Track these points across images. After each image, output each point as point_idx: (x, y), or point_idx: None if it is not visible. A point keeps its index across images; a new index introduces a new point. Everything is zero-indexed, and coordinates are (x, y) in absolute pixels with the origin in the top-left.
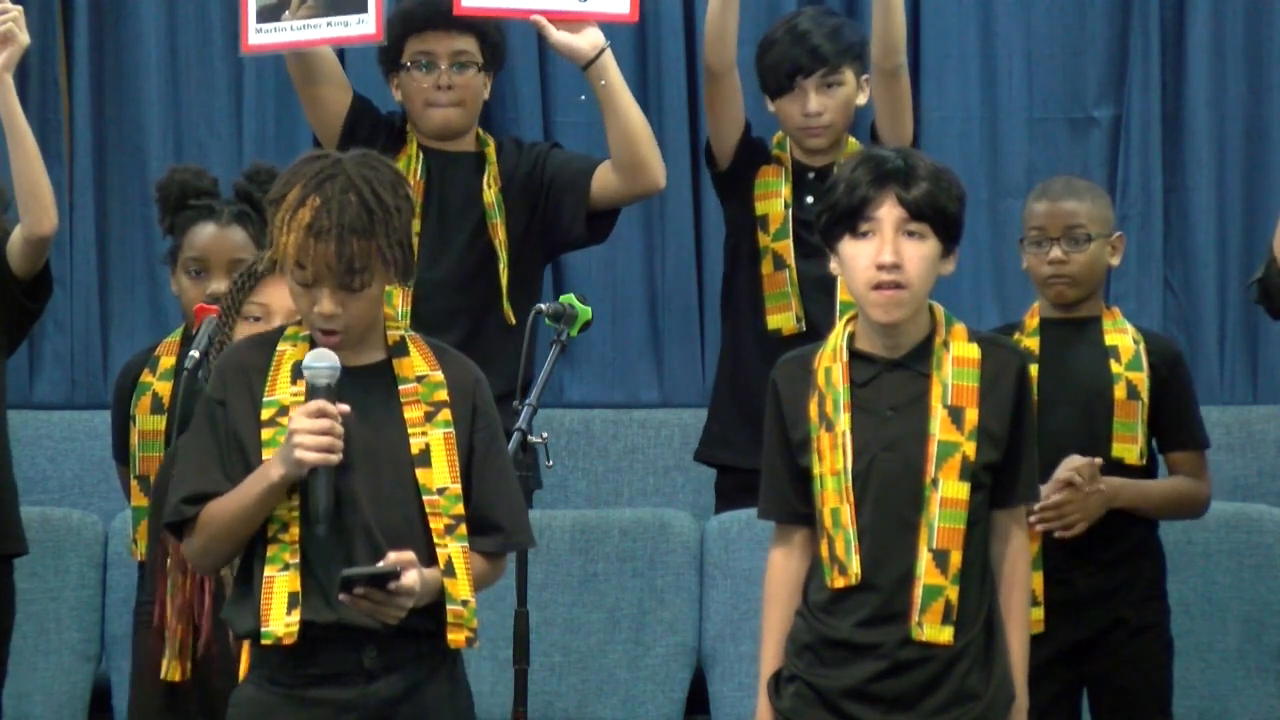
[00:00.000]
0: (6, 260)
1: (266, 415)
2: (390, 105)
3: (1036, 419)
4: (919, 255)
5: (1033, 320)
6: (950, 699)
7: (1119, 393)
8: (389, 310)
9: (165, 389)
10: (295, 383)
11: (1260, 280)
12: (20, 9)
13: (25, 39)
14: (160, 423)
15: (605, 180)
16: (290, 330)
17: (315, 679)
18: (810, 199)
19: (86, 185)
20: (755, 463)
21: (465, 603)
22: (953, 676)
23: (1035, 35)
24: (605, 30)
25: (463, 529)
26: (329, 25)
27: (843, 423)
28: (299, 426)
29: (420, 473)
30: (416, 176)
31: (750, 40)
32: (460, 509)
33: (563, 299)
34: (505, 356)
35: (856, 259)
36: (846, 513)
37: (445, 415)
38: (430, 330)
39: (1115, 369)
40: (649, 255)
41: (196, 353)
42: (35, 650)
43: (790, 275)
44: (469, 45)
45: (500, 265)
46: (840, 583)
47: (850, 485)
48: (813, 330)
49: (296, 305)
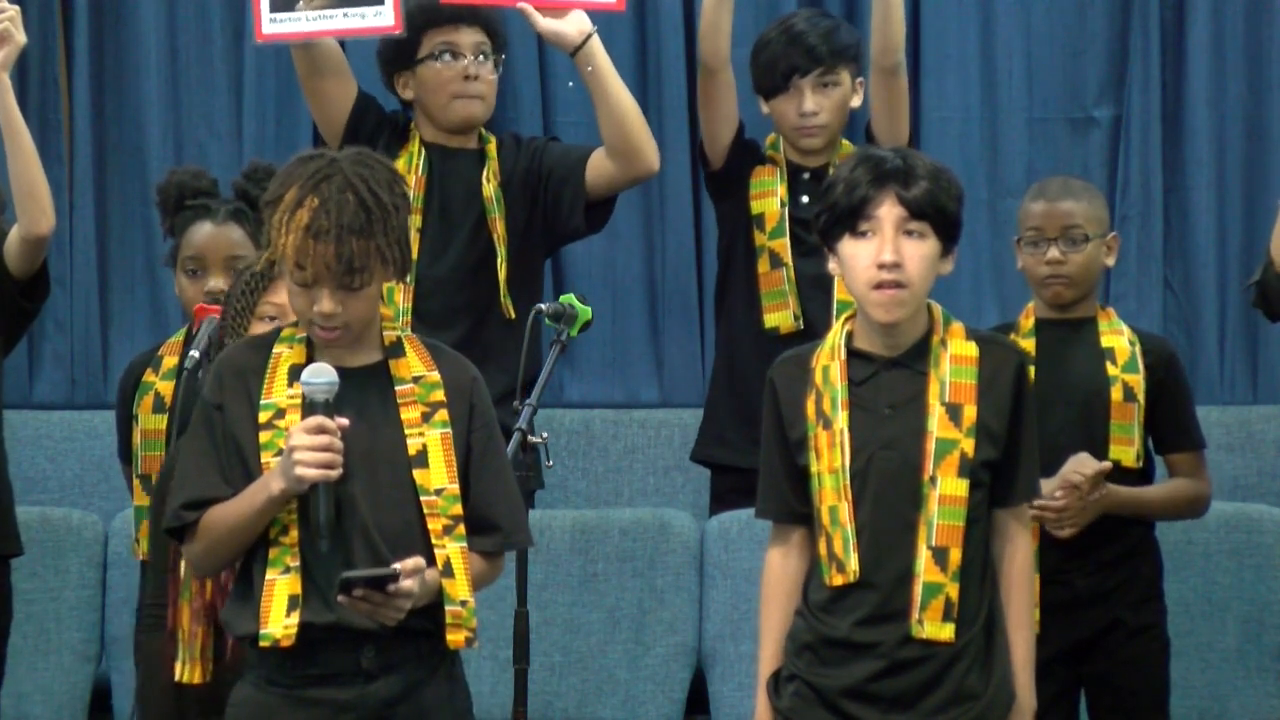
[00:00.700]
0: (3, 260)
1: (264, 418)
2: (394, 101)
3: (1036, 417)
4: (919, 254)
5: (1028, 321)
6: (949, 698)
7: (1115, 395)
8: (386, 310)
9: (167, 388)
10: (292, 385)
11: (1258, 283)
12: (17, 8)
13: (22, 38)
14: (162, 422)
15: (600, 167)
16: (286, 332)
17: (314, 679)
18: (805, 198)
19: (86, 185)
20: (751, 462)
21: (464, 603)
22: (952, 676)
23: (1035, 35)
24: (604, 24)
25: (461, 529)
26: (345, 16)
27: (841, 421)
28: (299, 443)
29: (418, 473)
30: (418, 173)
31: (748, 41)
32: (458, 509)
33: (563, 299)
34: (506, 352)
35: (857, 258)
36: (845, 511)
37: (442, 415)
38: (432, 327)
39: (1111, 371)
40: (649, 255)
41: (196, 353)
42: (35, 650)
43: (787, 274)
44: (485, 39)
45: (498, 260)
46: (839, 581)
47: (848, 483)
48: (810, 329)
49: (294, 305)
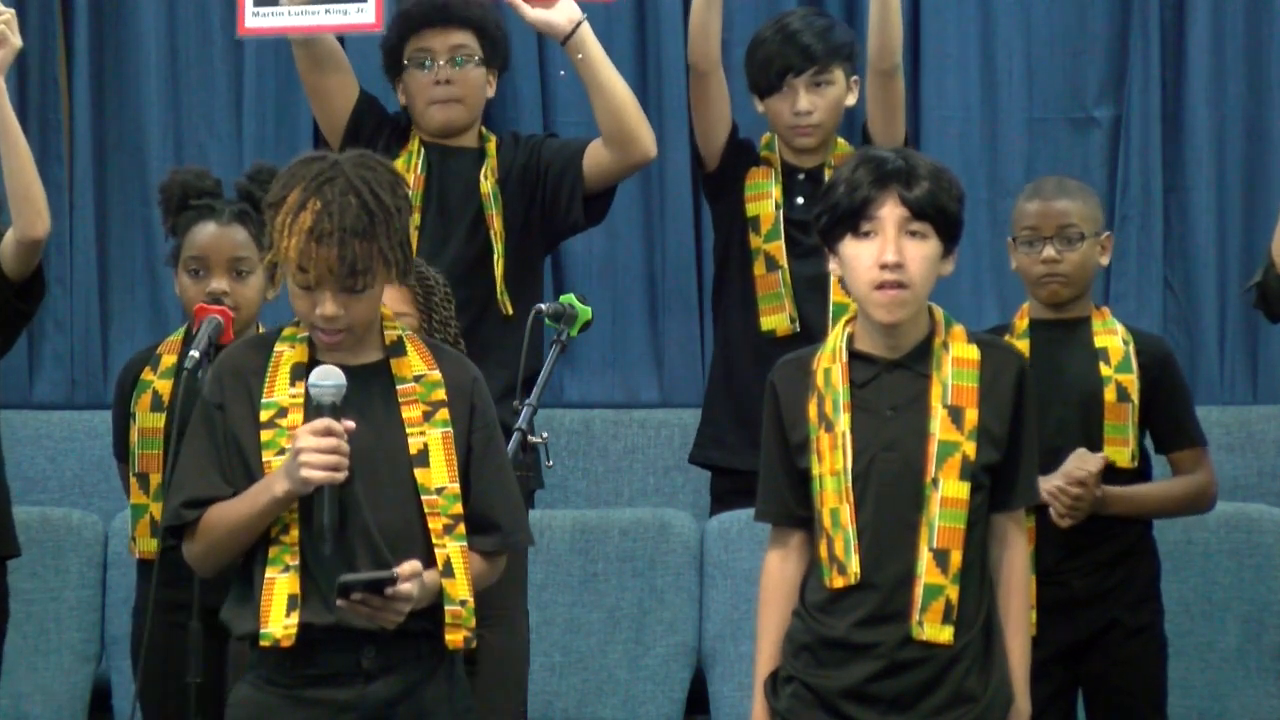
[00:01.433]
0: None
1: (265, 417)
2: (393, 107)
3: (1035, 422)
4: (921, 255)
5: (1022, 322)
6: (948, 700)
7: (1109, 395)
8: (386, 310)
9: (166, 387)
10: (294, 384)
11: (1258, 284)
12: (13, 12)
13: (18, 41)
14: (160, 420)
15: (597, 156)
16: (287, 331)
17: (313, 679)
18: (800, 199)
19: (86, 185)
20: (749, 464)
21: (464, 603)
22: (951, 678)
23: (1035, 35)
24: (604, 25)
25: (461, 529)
26: (327, 13)
27: (843, 423)
28: (306, 445)
29: (419, 472)
30: (417, 171)
31: (745, 41)
32: (459, 509)
33: (563, 299)
34: (505, 349)
35: (859, 259)
36: (846, 513)
37: (443, 415)
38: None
39: (1104, 371)
40: (649, 255)
41: (196, 352)
42: (35, 650)
43: (783, 276)
44: (467, 40)
45: (495, 256)
46: (839, 583)
47: (850, 485)
48: (806, 331)
49: (296, 307)
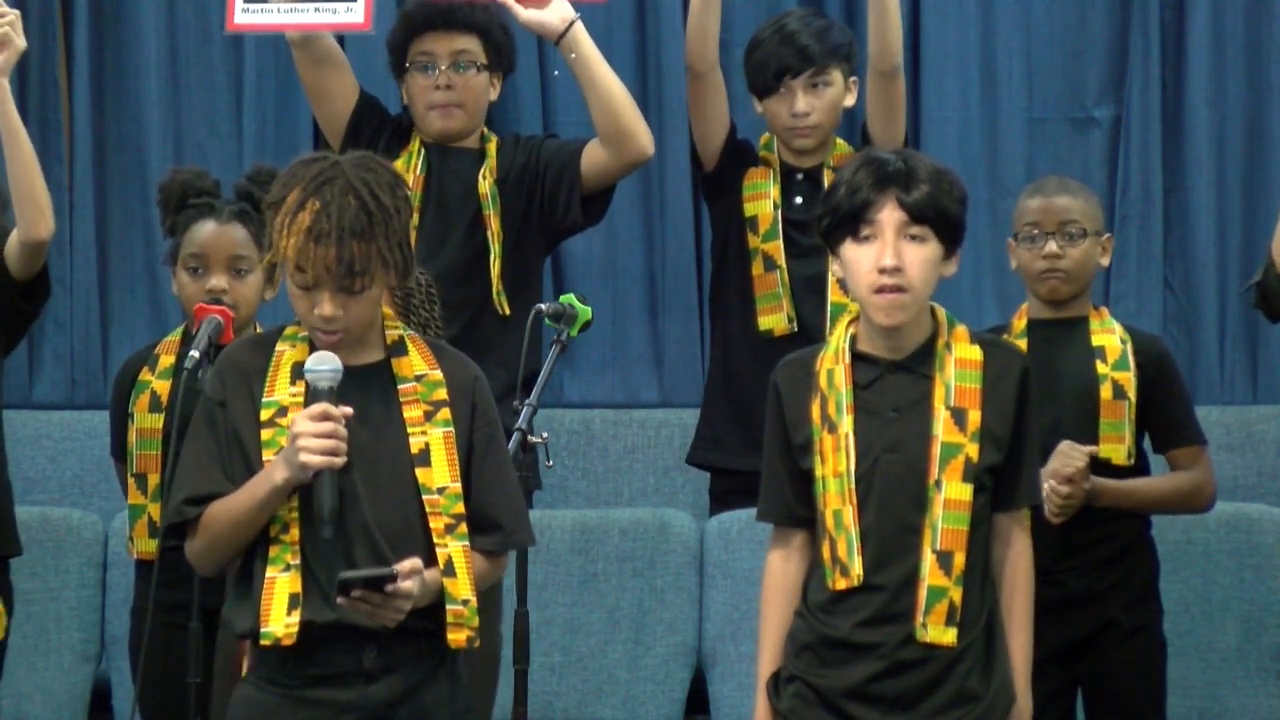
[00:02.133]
0: (4, 261)
1: (266, 416)
2: (395, 106)
3: (1038, 421)
4: (920, 258)
5: (1020, 322)
6: (950, 700)
7: (1105, 393)
8: (387, 310)
9: (164, 387)
10: (295, 383)
11: (1258, 284)
12: (17, 13)
13: (22, 43)
14: (158, 421)
15: (594, 156)
16: (289, 330)
17: (314, 679)
18: (799, 200)
19: (86, 185)
20: (748, 464)
21: (465, 602)
22: (953, 677)
23: (1035, 35)
24: (605, 25)
25: (463, 528)
26: (316, 11)
27: (845, 424)
28: (303, 430)
29: (420, 472)
30: (417, 172)
31: (744, 42)
32: (460, 508)
33: (563, 299)
34: (503, 349)
35: (858, 262)
36: (849, 514)
37: (445, 414)
38: None
39: (1101, 369)
40: (649, 254)
41: (196, 352)
42: (35, 650)
43: (781, 276)
44: (470, 45)
45: (491, 257)
46: (842, 584)
47: (853, 487)
48: (804, 331)
49: (296, 307)
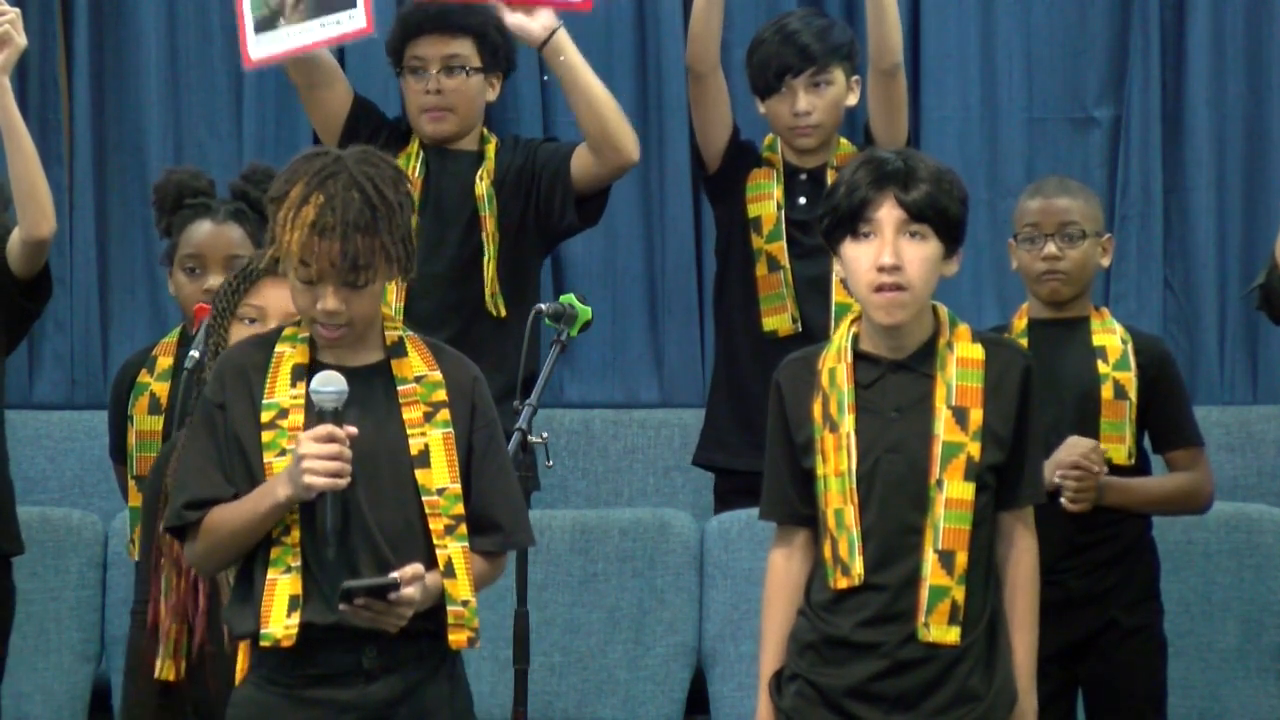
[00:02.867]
0: (5, 260)
1: (266, 418)
2: (396, 108)
3: (1040, 420)
4: (920, 256)
5: (1020, 322)
6: (952, 699)
7: (1106, 392)
8: (387, 310)
9: (163, 389)
10: (295, 385)
11: (1262, 286)
12: (18, 11)
13: (22, 41)
14: (158, 423)
15: (582, 160)
16: (288, 331)
17: (314, 679)
18: (802, 200)
19: (86, 185)
20: (752, 465)
21: (466, 603)
22: (955, 677)
23: (1035, 35)
24: (605, 25)
25: (463, 529)
26: (322, 26)
27: (847, 424)
28: (308, 451)
29: (420, 473)
30: (415, 174)
31: (745, 42)
32: (460, 509)
33: (563, 299)
34: (500, 352)
35: (858, 261)
36: (850, 514)
37: (444, 415)
38: (423, 325)
39: (1102, 369)
40: (649, 255)
41: (196, 353)
42: (35, 650)
43: (785, 277)
44: (463, 49)
45: (485, 259)
46: (843, 584)
47: (854, 487)
48: (808, 331)
49: (297, 302)
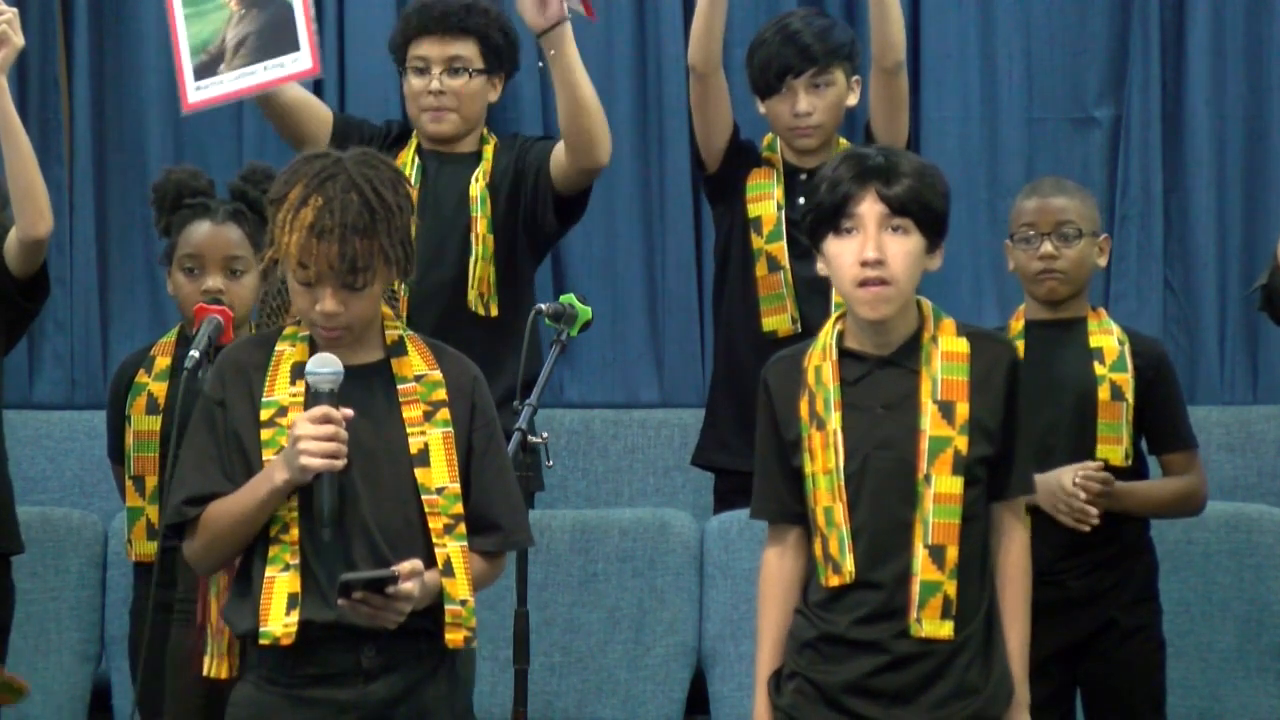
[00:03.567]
0: (3, 259)
1: (265, 416)
2: (396, 108)
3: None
4: (902, 250)
5: (1017, 323)
6: (950, 693)
7: (1103, 394)
8: (387, 310)
9: (161, 389)
10: (294, 383)
11: (1264, 286)
12: (15, 11)
13: (20, 40)
14: (155, 423)
15: (558, 158)
16: (289, 330)
17: (313, 679)
18: (802, 200)
19: (86, 185)
20: (752, 466)
21: (464, 602)
22: (953, 670)
23: (1035, 35)
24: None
25: (462, 528)
26: (265, 70)
27: (834, 421)
28: (303, 433)
29: (419, 472)
30: (411, 179)
31: (745, 42)
32: (459, 508)
33: (563, 299)
34: (493, 354)
35: (841, 257)
36: (840, 512)
37: (444, 415)
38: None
39: (1099, 370)
40: (649, 255)
41: (196, 352)
42: (35, 650)
43: (785, 277)
44: (466, 50)
45: (471, 259)
46: (835, 581)
47: (843, 484)
48: (808, 332)
49: (297, 304)
